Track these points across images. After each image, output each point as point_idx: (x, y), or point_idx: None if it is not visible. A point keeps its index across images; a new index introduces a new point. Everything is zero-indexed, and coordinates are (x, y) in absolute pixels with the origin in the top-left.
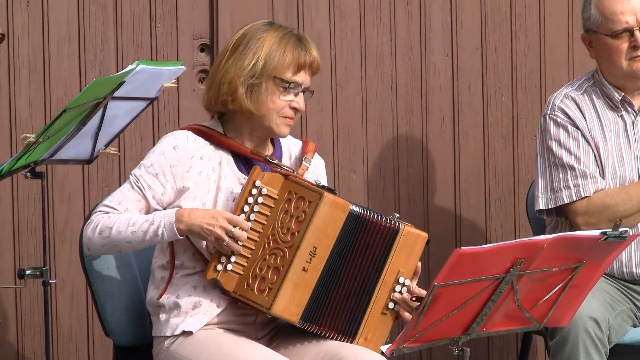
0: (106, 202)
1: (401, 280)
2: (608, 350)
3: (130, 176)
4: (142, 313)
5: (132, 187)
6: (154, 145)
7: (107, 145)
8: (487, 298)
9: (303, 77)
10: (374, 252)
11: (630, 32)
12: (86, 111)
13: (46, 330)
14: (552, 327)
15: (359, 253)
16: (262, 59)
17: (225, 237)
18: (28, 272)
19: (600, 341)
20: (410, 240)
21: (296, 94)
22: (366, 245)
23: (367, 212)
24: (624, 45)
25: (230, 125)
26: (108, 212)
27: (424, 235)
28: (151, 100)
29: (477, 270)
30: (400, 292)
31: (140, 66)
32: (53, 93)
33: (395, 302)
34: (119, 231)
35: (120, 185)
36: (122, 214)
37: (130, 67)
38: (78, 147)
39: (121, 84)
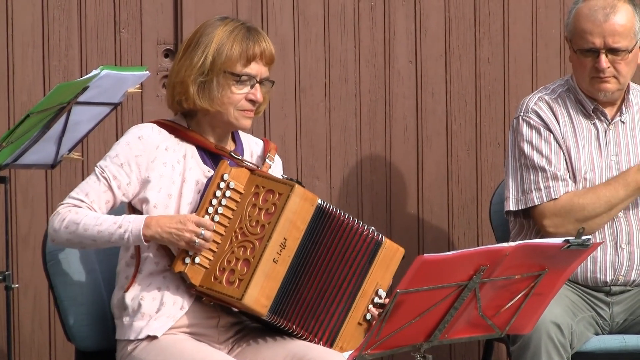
0: (73, 194)
1: (379, 292)
2: (570, 356)
3: (96, 167)
4: (105, 318)
5: (98, 178)
6: None
7: (70, 150)
8: (450, 305)
9: (257, 69)
10: (356, 261)
11: (596, 52)
12: (50, 116)
13: (8, 335)
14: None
15: (326, 248)
16: (210, 55)
17: (197, 239)
18: None
19: (563, 346)
20: (390, 254)
21: (252, 86)
22: (332, 240)
23: (332, 208)
24: (589, 64)
25: (194, 121)
26: (76, 205)
27: (402, 250)
28: (115, 106)
29: (440, 278)
30: (376, 305)
31: (105, 71)
32: (17, 98)
33: (371, 314)
34: (85, 228)
35: None
36: (91, 211)
37: (94, 72)
38: (41, 151)
39: (85, 89)
